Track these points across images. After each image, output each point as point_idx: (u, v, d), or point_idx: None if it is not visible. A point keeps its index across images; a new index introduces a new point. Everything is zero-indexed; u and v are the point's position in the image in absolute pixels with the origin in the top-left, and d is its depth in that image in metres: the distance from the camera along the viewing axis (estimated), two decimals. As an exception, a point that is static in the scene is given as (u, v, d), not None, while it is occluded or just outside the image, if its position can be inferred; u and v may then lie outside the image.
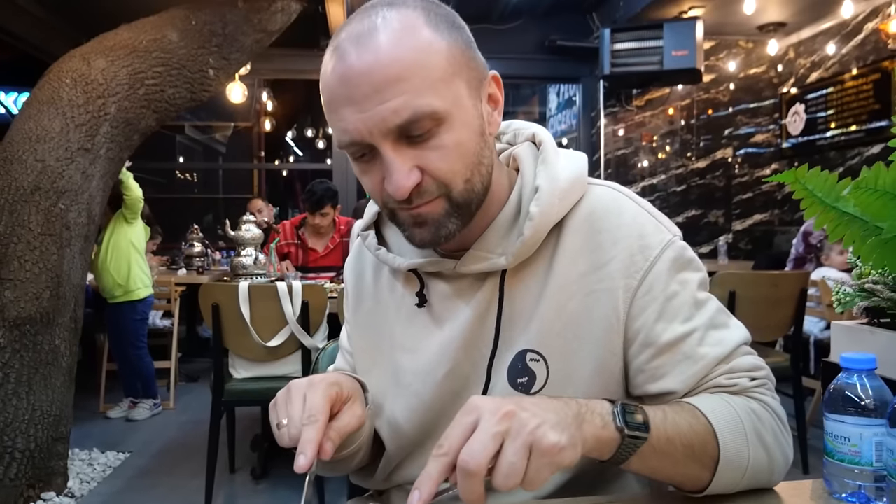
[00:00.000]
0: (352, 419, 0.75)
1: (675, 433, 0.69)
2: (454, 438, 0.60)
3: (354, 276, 0.97)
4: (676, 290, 0.79)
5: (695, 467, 0.71)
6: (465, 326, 0.83)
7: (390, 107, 0.69)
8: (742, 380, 0.78)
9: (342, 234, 4.00)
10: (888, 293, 0.94)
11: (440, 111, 0.71)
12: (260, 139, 9.57)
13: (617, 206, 0.82)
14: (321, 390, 0.72)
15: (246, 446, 3.47)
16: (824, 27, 5.40)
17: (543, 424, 0.60)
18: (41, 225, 2.80)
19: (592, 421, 0.65)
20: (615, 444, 0.66)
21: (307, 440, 0.67)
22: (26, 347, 2.77)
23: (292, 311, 2.77)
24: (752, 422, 0.75)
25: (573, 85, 6.60)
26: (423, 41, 0.71)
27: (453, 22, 0.76)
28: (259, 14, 3.45)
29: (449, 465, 0.59)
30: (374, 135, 0.71)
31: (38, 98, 2.91)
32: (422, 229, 0.77)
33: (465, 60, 0.75)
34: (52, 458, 2.90)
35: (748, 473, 0.73)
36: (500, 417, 0.59)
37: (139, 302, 4.12)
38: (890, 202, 0.77)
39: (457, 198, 0.75)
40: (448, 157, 0.73)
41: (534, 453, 0.59)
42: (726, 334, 0.79)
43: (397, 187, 0.72)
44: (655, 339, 0.78)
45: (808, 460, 3.09)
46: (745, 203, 6.09)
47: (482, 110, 0.77)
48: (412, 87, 0.69)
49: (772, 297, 3.06)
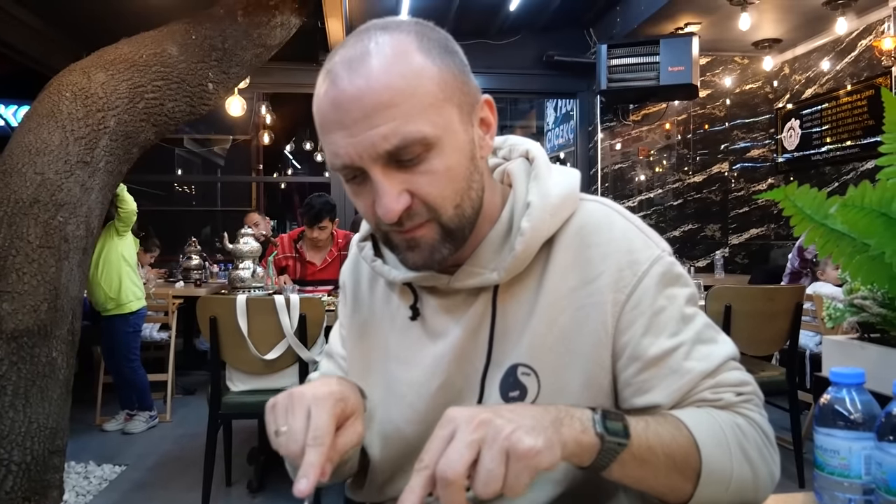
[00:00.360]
0: (352, 437, 0.74)
1: (657, 442, 0.70)
2: (433, 451, 0.60)
3: (352, 282, 0.98)
4: (664, 305, 0.80)
5: (677, 478, 0.72)
6: (457, 341, 0.84)
7: (380, 132, 0.70)
8: (728, 395, 0.78)
9: (340, 248, 3.99)
10: (877, 308, 0.95)
11: (430, 137, 0.71)
12: (258, 152, 9.60)
13: (607, 222, 0.83)
14: (328, 409, 0.70)
15: (242, 459, 3.46)
16: (819, 44, 5.46)
17: (518, 430, 0.60)
18: (40, 237, 2.80)
19: (572, 425, 0.65)
20: (595, 449, 0.66)
21: (311, 464, 0.66)
22: (23, 360, 2.76)
23: (290, 324, 2.77)
24: (736, 436, 0.75)
25: (570, 100, 6.65)
26: (414, 67, 0.71)
27: (446, 46, 0.76)
28: (259, 29, 3.48)
29: (430, 477, 0.59)
30: (364, 159, 0.72)
31: (37, 111, 2.92)
32: (414, 253, 0.78)
33: (457, 85, 0.75)
34: (49, 470, 2.89)
35: (732, 488, 0.73)
36: (476, 426, 0.60)
37: (132, 314, 4.12)
38: (877, 220, 0.79)
39: (447, 223, 0.76)
40: (438, 183, 0.74)
41: (511, 458, 0.59)
42: (713, 349, 0.80)
43: (386, 210, 0.72)
44: (642, 354, 0.78)
45: (805, 475, 3.08)
46: (741, 217, 6.11)
47: (473, 135, 0.78)
48: (402, 113, 0.70)
49: (767, 311, 3.07)
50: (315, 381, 0.79)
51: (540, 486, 0.83)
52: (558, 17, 5.71)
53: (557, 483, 0.82)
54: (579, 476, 0.82)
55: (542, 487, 0.83)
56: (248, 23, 3.43)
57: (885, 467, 0.66)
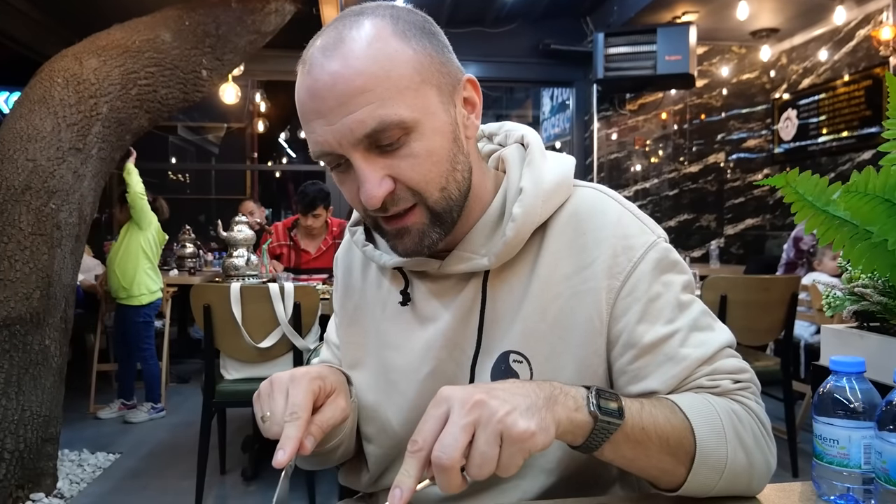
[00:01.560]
0: (335, 412, 0.75)
1: (651, 424, 0.69)
2: (427, 433, 0.60)
3: (343, 269, 0.98)
4: (659, 292, 0.79)
5: (670, 461, 0.71)
6: (447, 327, 0.84)
7: (356, 118, 0.70)
8: (725, 381, 0.78)
9: (335, 236, 3.99)
10: (877, 297, 0.95)
11: (407, 120, 0.71)
12: (253, 140, 9.56)
13: (601, 208, 0.82)
14: (304, 385, 0.72)
15: (237, 448, 3.46)
16: (817, 33, 5.44)
17: (513, 411, 0.60)
18: (32, 225, 2.78)
19: (566, 403, 0.65)
20: (588, 427, 0.66)
21: (288, 437, 0.68)
22: (16, 347, 2.75)
23: (284, 312, 2.76)
24: (732, 422, 0.74)
25: (567, 89, 6.62)
26: (388, 51, 0.71)
27: (423, 28, 0.76)
28: (253, 15, 3.45)
29: (425, 459, 0.60)
30: (344, 146, 0.71)
31: (29, 97, 2.89)
32: (404, 240, 0.77)
33: (435, 67, 0.74)
34: (42, 458, 2.88)
35: (726, 474, 0.72)
36: (470, 407, 0.60)
37: (142, 306, 4.13)
38: (879, 206, 0.78)
39: (434, 206, 0.76)
40: (420, 166, 0.73)
41: (505, 440, 0.59)
42: (710, 336, 0.79)
43: (369, 196, 0.72)
44: (637, 341, 0.78)
45: (798, 464, 3.10)
46: (736, 208, 6.12)
47: (456, 115, 0.77)
48: (377, 97, 0.70)
49: (762, 302, 3.07)
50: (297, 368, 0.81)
51: (532, 475, 0.82)
52: (555, 5, 5.68)
53: (550, 472, 0.82)
54: (572, 465, 0.82)
55: (535, 477, 0.82)
56: (242, 9, 3.40)
57: (886, 456, 0.65)
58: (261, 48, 3.67)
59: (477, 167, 0.82)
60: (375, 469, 0.92)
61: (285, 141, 11.02)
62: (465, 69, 0.80)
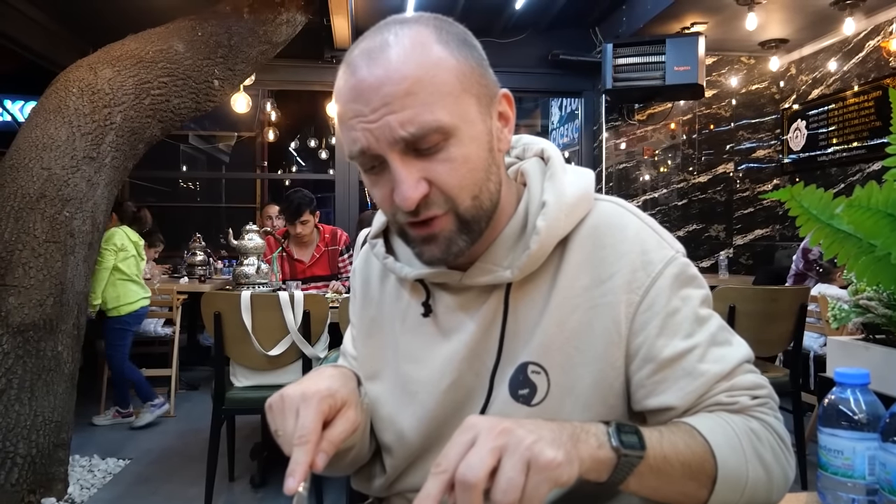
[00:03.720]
0: (346, 425, 0.75)
1: (672, 452, 0.70)
2: (452, 456, 0.60)
3: (361, 281, 0.98)
4: (678, 306, 0.79)
5: (692, 486, 0.72)
6: (469, 338, 0.84)
7: (398, 118, 0.71)
8: (743, 398, 0.78)
9: (327, 243, 3.97)
10: (882, 309, 0.95)
11: (448, 126, 0.72)
12: (263, 149, 9.60)
13: (621, 222, 0.83)
14: (314, 406, 0.72)
15: (245, 455, 3.47)
16: (826, 44, 5.44)
17: (540, 441, 0.60)
18: (46, 232, 2.81)
19: (588, 441, 0.65)
20: (612, 463, 0.66)
21: (297, 462, 0.68)
22: (29, 354, 2.78)
23: (294, 320, 2.78)
24: (751, 440, 0.75)
25: (575, 99, 6.63)
26: (433, 57, 0.73)
27: (465, 40, 0.78)
28: (264, 26, 3.49)
29: (448, 482, 0.59)
30: (382, 144, 0.72)
31: (44, 107, 2.93)
32: (431, 247, 0.78)
33: (475, 77, 0.76)
34: (53, 463, 2.90)
35: (746, 492, 0.73)
36: (498, 434, 0.60)
37: (120, 316, 4.16)
38: (882, 220, 0.78)
39: (464, 214, 0.76)
40: (456, 172, 0.74)
41: (532, 469, 0.59)
42: (728, 351, 0.79)
43: (404, 198, 0.73)
44: (656, 355, 0.78)
45: (808, 476, 3.08)
46: (746, 218, 6.10)
47: (492, 127, 0.79)
48: (420, 101, 0.71)
49: (771, 312, 3.06)
50: (308, 375, 0.81)
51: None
52: (564, 15, 5.70)
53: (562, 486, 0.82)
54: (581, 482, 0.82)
55: None
56: (253, 20, 3.44)
57: (890, 468, 0.66)
58: (272, 58, 3.71)
59: (504, 180, 0.83)
60: (390, 476, 0.92)
61: (295, 150, 11.07)
62: None
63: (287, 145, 10.57)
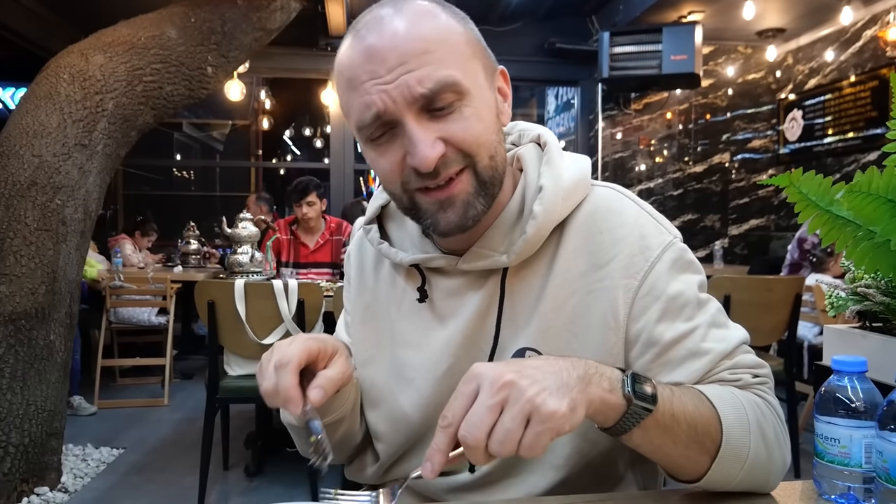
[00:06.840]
0: (341, 368, 0.75)
1: (681, 411, 0.69)
2: (456, 409, 0.61)
3: (356, 267, 0.98)
4: (678, 291, 0.79)
5: (696, 449, 0.71)
6: (466, 324, 0.84)
7: (415, 76, 0.71)
8: (745, 375, 0.78)
9: (332, 232, 4.08)
10: (880, 297, 0.95)
11: (462, 84, 0.73)
12: (258, 137, 9.57)
13: (618, 207, 0.83)
14: (299, 342, 0.73)
15: (240, 444, 3.47)
16: (823, 34, 5.43)
17: (543, 392, 0.60)
18: (37, 220, 2.79)
19: (600, 383, 0.65)
20: (620, 410, 0.66)
21: (284, 386, 0.69)
22: (21, 342, 2.76)
23: (288, 309, 2.77)
24: (756, 414, 0.75)
25: (571, 88, 6.61)
26: (443, 22, 0.75)
27: (465, 17, 0.80)
28: (258, 12, 3.46)
29: (454, 434, 0.61)
30: (399, 104, 0.72)
31: (35, 93, 2.90)
32: (447, 213, 0.77)
33: (480, 48, 0.79)
34: (46, 453, 2.90)
35: (746, 466, 0.73)
36: (499, 387, 0.60)
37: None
38: (882, 206, 0.78)
39: (482, 173, 0.76)
40: (472, 129, 0.75)
41: (533, 420, 0.59)
42: (728, 332, 0.80)
43: (423, 157, 0.72)
44: (658, 339, 0.78)
45: (800, 465, 3.09)
46: (741, 208, 6.10)
47: (495, 98, 0.80)
48: (436, 59, 0.72)
49: (766, 302, 3.07)
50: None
51: (542, 471, 0.83)
52: (560, 4, 5.67)
53: (559, 468, 0.82)
54: (581, 462, 0.82)
55: (544, 473, 0.83)
56: (247, 6, 3.40)
57: (886, 456, 0.65)
58: (266, 45, 3.68)
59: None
60: (386, 462, 0.92)
61: (290, 138, 11.02)
62: None
63: (282, 134, 10.52)
